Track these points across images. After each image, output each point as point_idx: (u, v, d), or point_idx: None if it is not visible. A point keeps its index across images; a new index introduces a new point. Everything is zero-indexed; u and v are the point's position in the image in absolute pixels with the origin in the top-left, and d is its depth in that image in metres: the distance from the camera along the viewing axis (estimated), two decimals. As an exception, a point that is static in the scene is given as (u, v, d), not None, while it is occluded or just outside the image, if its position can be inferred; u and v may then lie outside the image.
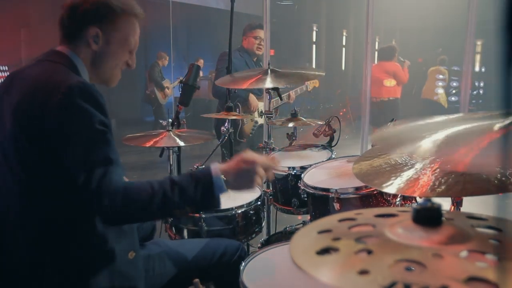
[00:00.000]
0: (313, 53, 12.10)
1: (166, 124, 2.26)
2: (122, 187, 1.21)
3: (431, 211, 0.70)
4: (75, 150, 1.21)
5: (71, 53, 1.37)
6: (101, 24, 1.37)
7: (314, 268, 0.62)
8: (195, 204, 1.29)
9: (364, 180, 1.32)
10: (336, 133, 2.36)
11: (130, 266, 1.41)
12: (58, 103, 1.20)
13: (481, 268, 0.59)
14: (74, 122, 1.22)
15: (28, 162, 1.25)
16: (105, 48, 1.40)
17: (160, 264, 1.57)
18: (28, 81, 1.30)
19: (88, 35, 1.37)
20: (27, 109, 1.24)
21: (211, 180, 1.29)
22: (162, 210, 1.26)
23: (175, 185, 1.26)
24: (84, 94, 1.23)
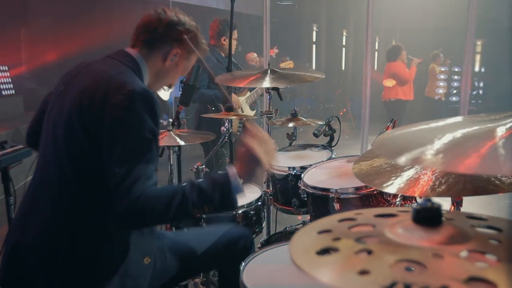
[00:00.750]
0: (313, 53, 12.09)
1: (166, 123, 2.26)
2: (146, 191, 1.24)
3: (431, 211, 0.70)
4: (119, 150, 1.26)
5: (140, 58, 1.47)
6: (183, 49, 1.52)
7: (314, 268, 0.62)
8: (213, 204, 1.32)
9: (364, 180, 1.32)
10: (336, 133, 2.36)
11: (143, 271, 1.43)
12: (119, 102, 1.28)
13: (481, 268, 0.59)
14: (128, 124, 1.28)
15: (75, 148, 1.32)
16: (173, 67, 1.54)
17: (161, 258, 1.57)
18: (94, 75, 1.38)
19: (170, 52, 1.50)
20: (88, 100, 1.31)
21: (228, 179, 1.33)
22: (181, 211, 1.28)
23: (194, 186, 1.30)
24: (144, 100, 1.30)
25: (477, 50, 9.39)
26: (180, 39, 1.50)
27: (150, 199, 1.24)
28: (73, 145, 1.32)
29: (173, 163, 2.36)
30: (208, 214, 1.37)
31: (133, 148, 1.27)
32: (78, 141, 1.31)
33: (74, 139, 1.32)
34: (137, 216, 1.25)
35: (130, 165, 1.24)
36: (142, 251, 1.42)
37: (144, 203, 1.23)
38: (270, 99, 2.61)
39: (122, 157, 1.26)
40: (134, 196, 1.22)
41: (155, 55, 1.50)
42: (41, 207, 1.36)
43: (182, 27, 1.50)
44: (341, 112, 9.67)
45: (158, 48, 1.49)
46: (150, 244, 1.47)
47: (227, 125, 2.53)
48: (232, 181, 1.33)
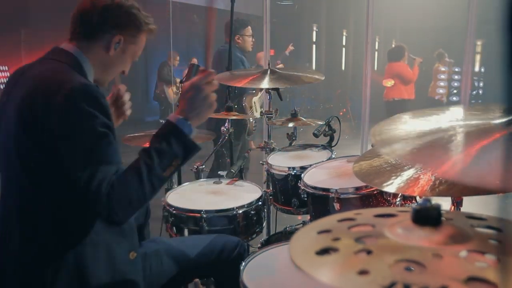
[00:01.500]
0: (313, 53, 12.08)
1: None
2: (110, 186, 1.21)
3: (431, 211, 0.70)
4: (76, 152, 1.22)
5: (78, 52, 1.37)
6: (125, 34, 1.42)
7: (314, 268, 0.62)
8: (177, 156, 1.29)
9: (364, 179, 1.32)
10: (336, 133, 2.36)
11: (131, 266, 1.41)
12: (60, 105, 1.21)
13: (481, 268, 0.59)
14: (77, 124, 1.22)
15: (30, 162, 1.26)
16: (119, 55, 1.44)
17: (157, 262, 1.56)
18: (31, 80, 1.30)
19: (111, 40, 1.39)
20: (29, 109, 1.24)
21: (175, 126, 1.29)
22: (155, 181, 1.26)
23: (149, 151, 1.26)
24: (87, 96, 1.23)
25: (477, 50, 9.38)
26: (120, 24, 1.39)
27: (119, 188, 1.21)
28: (28, 161, 1.26)
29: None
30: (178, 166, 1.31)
31: (90, 147, 1.22)
32: (32, 156, 1.25)
33: (27, 155, 1.25)
34: (118, 212, 1.22)
35: (92, 166, 1.20)
36: (126, 248, 1.40)
37: (116, 196, 1.20)
38: (270, 99, 2.61)
39: (80, 160, 1.21)
40: (105, 198, 1.19)
41: (95, 46, 1.39)
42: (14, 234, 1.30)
43: (119, 10, 1.39)
44: (341, 112, 9.67)
45: (98, 38, 1.39)
46: (132, 238, 1.44)
47: (227, 125, 2.53)
48: (179, 124, 1.29)
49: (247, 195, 2.07)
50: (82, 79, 1.30)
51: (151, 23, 1.47)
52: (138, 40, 1.46)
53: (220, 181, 2.26)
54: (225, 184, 2.24)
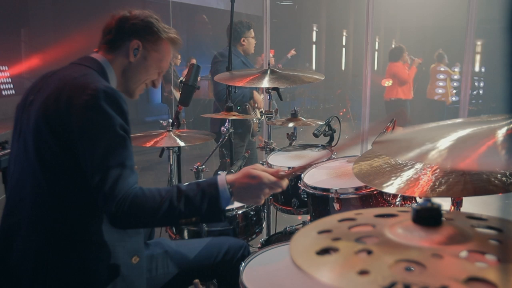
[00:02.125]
0: (313, 53, 12.10)
1: (166, 124, 2.26)
2: (132, 193, 1.23)
3: (431, 211, 0.70)
4: (94, 150, 1.24)
5: (104, 60, 1.45)
6: (144, 40, 1.48)
7: (314, 268, 0.62)
8: (200, 215, 1.29)
9: (364, 180, 1.32)
10: (336, 133, 2.36)
11: (133, 271, 1.42)
12: (83, 103, 1.25)
13: (481, 268, 0.59)
14: (97, 123, 1.26)
15: (47, 156, 1.29)
16: (141, 62, 1.49)
17: (163, 264, 1.58)
18: (58, 80, 1.36)
19: (129, 46, 1.46)
20: (54, 104, 1.29)
21: (217, 192, 1.29)
22: (168, 218, 1.27)
23: (182, 194, 1.27)
24: (110, 98, 1.27)
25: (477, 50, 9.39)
26: (135, 30, 1.46)
27: (137, 202, 1.22)
28: (45, 154, 1.29)
29: (173, 163, 2.36)
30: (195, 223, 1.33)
31: (107, 146, 1.25)
32: (49, 149, 1.28)
33: (45, 147, 1.29)
34: (124, 218, 1.23)
35: (107, 165, 1.22)
36: (129, 251, 1.41)
37: (131, 206, 1.21)
38: (270, 99, 2.61)
39: (97, 157, 1.23)
40: (119, 196, 1.20)
41: (118, 54, 1.47)
42: (22, 223, 1.32)
43: (135, 19, 1.47)
44: (341, 112, 9.68)
45: (118, 46, 1.47)
46: (137, 244, 1.45)
47: (227, 125, 2.54)
48: (221, 192, 1.29)
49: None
50: (107, 83, 1.35)
51: (171, 32, 1.53)
52: (159, 48, 1.51)
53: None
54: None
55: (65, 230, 1.31)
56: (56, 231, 1.30)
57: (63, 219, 1.30)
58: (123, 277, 1.38)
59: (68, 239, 1.31)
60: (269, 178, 1.33)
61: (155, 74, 1.55)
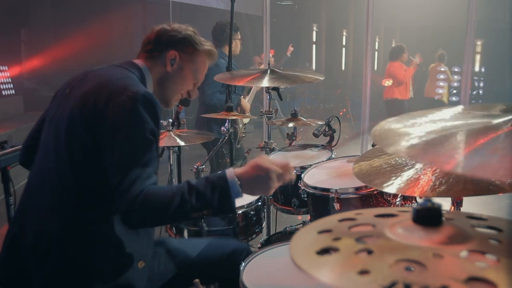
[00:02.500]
0: (313, 53, 12.10)
1: (166, 124, 2.26)
2: (144, 191, 1.24)
3: (431, 211, 0.70)
4: (121, 149, 1.28)
5: (145, 67, 1.52)
6: (181, 51, 1.54)
7: (314, 268, 0.62)
8: (212, 208, 1.30)
9: (364, 180, 1.32)
10: (336, 133, 2.36)
11: (136, 275, 1.42)
12: (122, 102, 1.31)
13: (481, 268, 0.59)
14: (130, 124, 1.30)
15: (76, 147, 1.34)
16: (177, 72, 1.55)
17: (164, 263, 1.59)
18: (100, 78, 1.42)
19: (167, 56, 1.52)
20: (92, 100, 1.34)
21: (227, 184, 1.31)
22: (180, 213, 1.28)
23: (192, 189, 1.28)
24: (147, 102, 1.32)
25: (477, 50, 9.40)
26: (173, 42, 1.53)
27: (149, 199, 1.23)
28: (74, 144, 1.34)
29: (173, 163, 2.36)
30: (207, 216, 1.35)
31: (134, 148, 1.29)
32: (80, 139, 1.33)
33: (76, 137, 1.34)
34: (136, 215, 1.25)
35: (129, 165, 1.26)
36: (136, 255, 1.42)
37: (143, 202, 1.23)
38: (270, 99, 2.61)
39: (123, 157, 1.27)
40: (133, 195, 1.22)
41: (156, 64, 1.53)
42: (40, 206, 1.37)
43: (173, 31, 1.54)
44: (341, 112, 9.68)
45: (156, 56, 1.53)
46: (146, 247, 1.47)
47: (227, 125, 2.54)
48: (231, 185, 1.31)
49: (246, 195, 2.07)
50: (146, 88, 1.41)
51: (207, 45, 1.59)
52: (196, 60, 1.57)
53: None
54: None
55: (79, 223, 1.33)
56: (71, 221, 1.33)
57: (80, 210, 1.34)
58: (126, 279, 1.39)
59: (80, 232, 1.33)
60: (277, 170, 1.35)
61: (191, 85, 1.61)
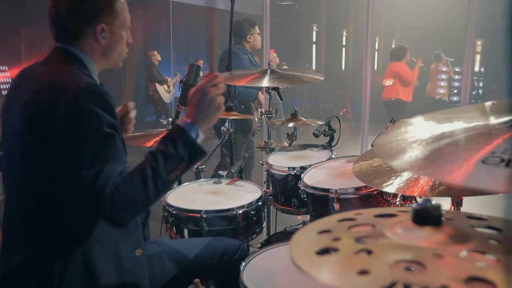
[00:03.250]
0: (313, 53, 12.09)
1: (166, 123, 2.26)
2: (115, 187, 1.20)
3: (431, 211, 0.70)
4: (82, 152, 1.22)
5: (77, 50, 1.38)
6: (104, 18, 1.38)
7: (314, 268, 0.62)
8: (183, 159, 1.28)
9: (364, 180, 1.33)
10: (336, 133, 2.36)
11: (137, 263, 1.42)
12: (67, 105, 1.22)
13: (481, 268, 0.59)
14: (83, 124, 1.23)
15: (34, 161, 1.27)
16: (112, 38, 1.42)
17: (159, 264, 1.57)
18: (37, 81, 1.31)
19: (95, 33, 1.37)
20: (36, 109, 1.25)
21: (183, 130, 1.28)
22: (159, 183, 1.25)
23: (156, 154, 1.26)
24: (93, 96, 1.24)
25: (477, 50, 9.39)
26: (91, 14, 1.36)
27: (123, 190, 1.20)
28: (33, 161, 1.27)
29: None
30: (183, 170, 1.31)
31: (96, 147, 1.22)
32: (38, 155, 1.26)
33: (32, 154, 1.27)
34: (121, 214, 1.21)
35: (97, 166, 1.20)
36: (132, 245, 1.41)
37: (119, 199, 1.19)
38: (270, 99, 2.62)
39: (86, 160, 1.21)
40: (108, 198, 1.19)
41: (86, 42, 1.38)
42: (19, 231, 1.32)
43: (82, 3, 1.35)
44: (341, 112, 9.67)
45: (83, 36, 1.37)
46: (138, 235, 1.44)
47: (227, 125, 2.54)
48: (187, 128, 1.28)
49: (247, 195, 2.07)
50: (88, 79, 1.31)
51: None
52: (118, 13, 1.41)
53: (220, 181, 2.26)
54: (225, 184, 2.24)
55: (64, 231, 1.30)
56: (55, 234, 1.29)
57: (60, 221, 1.29)
58: (129, 270, 1.38)
59: (68, 240, 1.30)
60: (205, 82, 1.33)
61: (126, 36, 1.47)
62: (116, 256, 1.36)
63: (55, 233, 1.29)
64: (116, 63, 1.50)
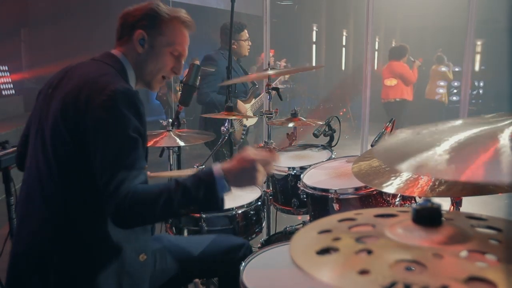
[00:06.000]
0: (313, 53, 12.10)
1: (166, 124, 2.26)
2: (131, 191, 1.23)
3: (431, 211, 0.70)
4: (105, 151, 1.26)
5: (122, 56, 1.47)
6: (147, 28, 1.46)
7: (314, 268, 0.62)
8: (198, 203, 1.30)
9: (363, 180, 1.32)
10: (336, 133, 2.36)
11: (140, 268, 1.43)
12: (101, 104, 1.27)
13: (481, 268, 0.59)
14: (111, 124, 1.27)
15: (62, 152, 1.31)
16: (150, 51, 1.47)
17: (161, 260, 1.58)
18: (79, 77, 1.37)
19: (134, 38, 1.46)
20: (73, 102, 1.31)
21: (213, 179, 1.29)
22: (168, 210, 1.27)
23: (179, 185, 1.27)
24: (126, 99, 1.29)
25: (477, 50, 9.39)
26: (137, 21, 1.46)
27: (136, 198, 1.22)
28: (60, 149, 1.32)
29: (173, 163, 2.35)
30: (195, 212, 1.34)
31: (118, 148, 1.26)
32: (65, 145, 1.31)
33: (61, 143, 1.31)
34: (125, 216, 1.23)
35: (116, 166, 1.24)
36: (136, 249, 1.42)
37: (130, 203, 1.21)
38: (270, 99, 2.62)
39: (108, 158, 1.25)
40: (121, 197, 1.21)
41: (129, 49, 1.47)
42: (33, 213, 1.35)
43: (136, 11, 1.47)
44: (341, 112, 9.67)
45: (127, 41, 1.47)
46: (145, 241, 1.46)
47: (227, 125, 2.54)
48: (217, 180, 1.29)
49: (246, 195, 2.07)
50: (125, 83, 1.37)
51: (175, 11, 1.49)
52: (165, 31, 1.47)
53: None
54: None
55: (73, 228, 1.32)
56: (66, 225, 1.32)
57: (72, 216, 1.32)
58: (130, 275, 1.39)
59: (75, 237, 1.32)
60: (262, 156, 1.34)
61: (170, 59, 1.51)
62: (118, 257, 1.37)
63: (66, 223, 1.32)
64: (149, 82, 1.53)
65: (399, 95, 6.12)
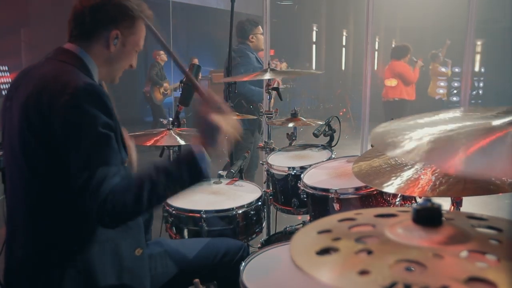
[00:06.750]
0: (313, 53, 12.11)
1: (166, 123, 2.25)
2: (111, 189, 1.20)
3: (431, 211, 0.70)
4: (77, 152, 1.22)
5: (81, 51, 1.38)
6: (122, 27, 1.39)
7: (314, 268, 0.62)
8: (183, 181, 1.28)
9: (364, 180, 1.32)
10: (336, 133, 2.36)
11: (137, 263, 1.42)
12: (64, 104, 1.21)
13: (481, 268, 0.59)
14: (79, 124, 1.23)
15: (34, 160, 1.27)
16: (121, 50, 1.42)
17: (162, 264, 1.58)
18: (36, 80, 1.30)
19: (108, 37, 1.38)
20: (35, 108, 1.25)
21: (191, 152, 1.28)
22: (154, 197, 1.25)
23: (159, 169, 1.26)
24: (91, 96, 1.24)
25: (477, 50, 9.39)
26: (112, 18, 1.38)
27: (118, 195, 1.20)
28: (32, 159, 1.27)
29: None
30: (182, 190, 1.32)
31: (91, 147, 1.22)
32: (36, 154, 1.26)
33: (31, 153, 1.27)
34: (110, 216, 1.21)
35: (91, 167, 1.20)
36: (131, 244, 1.41)
37: (113, 202, 1.19)
38: (270, 99, 2.62)
39: (81, 159, 1.21)
40: (102, 197, 1.18)
41: (96, 45, 1.39)
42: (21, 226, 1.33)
43: (108, 5, 1.37)
44: (341, 112, 9.68)
45: (96, 37, 1.38)
46: (138, 235, 1.45)
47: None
48: (196, 152, 1.28)
49: (246, 195, 2.07)
50: (87, 78, 1.31)
51: (144, 9, 1.44)
52: (136, 30, 1.43)
53: (220, 181, 2.26)
54: (225, 184, 2.24)
55: (63, 230, 1.30)
56: (53, 232, 1.30)
57: (60, 220, 1.29)
58: (129, 270, 1.39)
59: (68, 239, 1.30)
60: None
61: (134, 56, 1.49)
62: (115, 256, 1.36)
63: (54, 232, 1.30)
64: (114, 77, 1.49)
65: (398, 95, 6.11)
